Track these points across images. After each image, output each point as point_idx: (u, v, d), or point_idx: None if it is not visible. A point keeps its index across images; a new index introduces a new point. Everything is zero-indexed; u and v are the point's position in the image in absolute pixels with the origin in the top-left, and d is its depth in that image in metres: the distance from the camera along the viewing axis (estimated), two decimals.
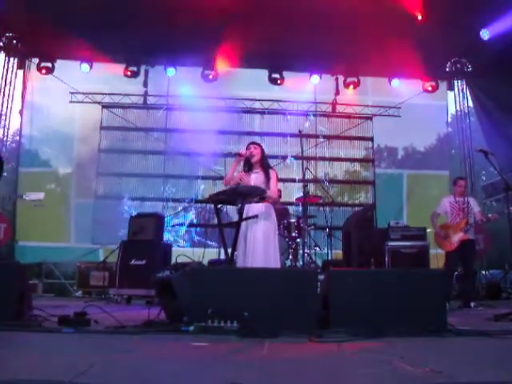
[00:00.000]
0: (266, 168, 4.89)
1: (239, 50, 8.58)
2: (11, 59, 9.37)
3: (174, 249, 7.85)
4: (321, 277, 3.77)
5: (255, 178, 4.80)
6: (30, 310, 3.70)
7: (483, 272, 9.36)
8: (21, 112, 9.55)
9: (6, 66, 9.35)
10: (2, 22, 8.42)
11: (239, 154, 4.90)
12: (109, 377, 1.90)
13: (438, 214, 6.58)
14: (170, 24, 7.63)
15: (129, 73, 9.42)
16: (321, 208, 8.35)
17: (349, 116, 10.19)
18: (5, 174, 5.72)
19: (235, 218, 4.82)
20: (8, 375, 1.82)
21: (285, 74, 9.68)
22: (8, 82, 9.34)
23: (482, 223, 6.47)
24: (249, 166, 4.90)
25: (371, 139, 10.18)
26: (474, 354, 2.60)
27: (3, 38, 9.02)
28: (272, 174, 4.84)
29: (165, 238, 8.04)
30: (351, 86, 9.78)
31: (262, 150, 4.98)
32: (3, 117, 9.25)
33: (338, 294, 3.33)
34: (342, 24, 7.67)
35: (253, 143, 5.08)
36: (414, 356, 2.45)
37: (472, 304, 6.02)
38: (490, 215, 6.86)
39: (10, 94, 9.40)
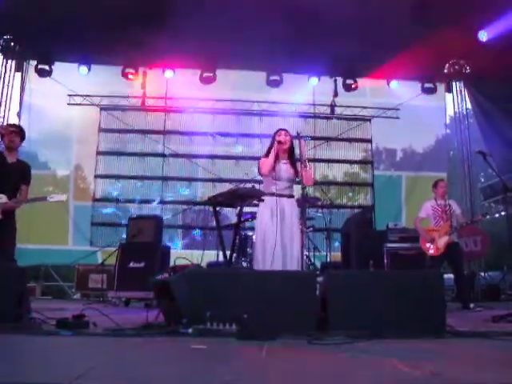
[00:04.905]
0: (294, 160, 4.68)
1: (237, 51, 8.63)
2: (9, 61, 9.38)
3: (173, 251, 7.85)
4: (319, 279, 3.76)
5: (286, 170, 4.63)
6: (28, 312, 3.70)
7: (482, 273, 9.39)
8: (19, 114, 9.55)
9: (3, 69, 9.35)
10: (0, 24, 8.41)
11: (279, 142, 4.60)
12: (107, 379, 1.90)
13: (422, 218, 6.53)
14: (169, 26, 7.63)
15: (130, 76, 9.40)
16: (319, 210, 8.36)
17: (347, 118, 10.21)
18: None
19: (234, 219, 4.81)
20: (6, 378, 1.82)
21: (283, 75, 9.68)
22: (6, 84, 9.34)
23: (466, 225, 6.45)
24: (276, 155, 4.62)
25: (370, 141, 10.21)
26: (473, 356, 2.60)
27: (1, 41, 9.01)
28: (299, 165, 4.58)
29: (163, 241, 8.03)
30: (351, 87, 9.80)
31: (292, 139, 4.73)
32: (1, 119, 9.24)
33: (337, 296, 3.34)
34: (340, 26, 7.69)
35: (284, 129, 4.76)
36: (412, 358, 2.45)
37: (471, 305, 6.02)
38: (473, 217, 6.91)
39: (8, 97, 9.40)
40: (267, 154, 4.67)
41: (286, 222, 4.49)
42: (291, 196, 4.68)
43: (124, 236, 7.96)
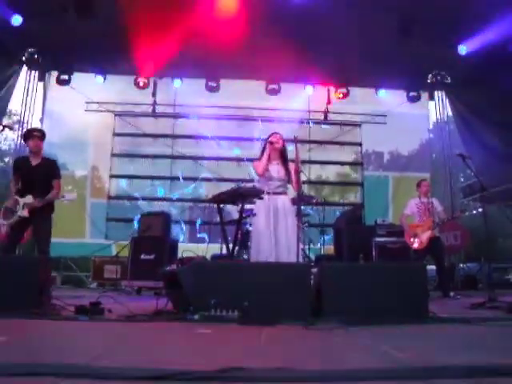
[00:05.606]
0: (285, 161, 4.60)
1: (239, 63, 8.64)
2: (32, 72, 9.41)
3: (180, 244, 7.85)
4: (314, 270, 3.77)
5: (277, 170, 4.56)
6: (49, 299, 3.71)
7: (461, 265, 9.40)
8: (41, 120, 9.56)
9: (27, 78, 9.39)
10: (25, 39, 8.42)
11: (271, 142, 4.56)
12: (122, 359, 1.91)
13: (407, 215, 6.51)
14: (178, 40, 7.63)
15: (141, 83, 9.40)
16: (314, 207, 8.38)
17: (339, 123, 10.21)
18: None
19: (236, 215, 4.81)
20: (29, 358, 1.83)
21: (281, 85, 9.68)
22: (30, 92, 9.38)
23: (447, 221, 6.45)
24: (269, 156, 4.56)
25: (360, 144, 10.19)
26: (452, 339, 2.61)
27: (25, 53, 9.03)
28: (291, 167, 4.50)
29: (171, 235, 8.03)
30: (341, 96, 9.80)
31: (284, 142, 4.66)
32: (25, 125, 9.27)
33: (330, 285, 3.34)
34: (333, 42, 7.71)
35: (277, 133, 4.70)
36: (398, 341, 2.46)
37: (451, 294, 6.03)
38: (454, 213, 6.92)
39: (32, 104, 9.44)
40: (261, 157, 4.63)
41: (280, 218, 4.43)
42: (284, 193, 4.62)
43: (136, 230, 7.96)
